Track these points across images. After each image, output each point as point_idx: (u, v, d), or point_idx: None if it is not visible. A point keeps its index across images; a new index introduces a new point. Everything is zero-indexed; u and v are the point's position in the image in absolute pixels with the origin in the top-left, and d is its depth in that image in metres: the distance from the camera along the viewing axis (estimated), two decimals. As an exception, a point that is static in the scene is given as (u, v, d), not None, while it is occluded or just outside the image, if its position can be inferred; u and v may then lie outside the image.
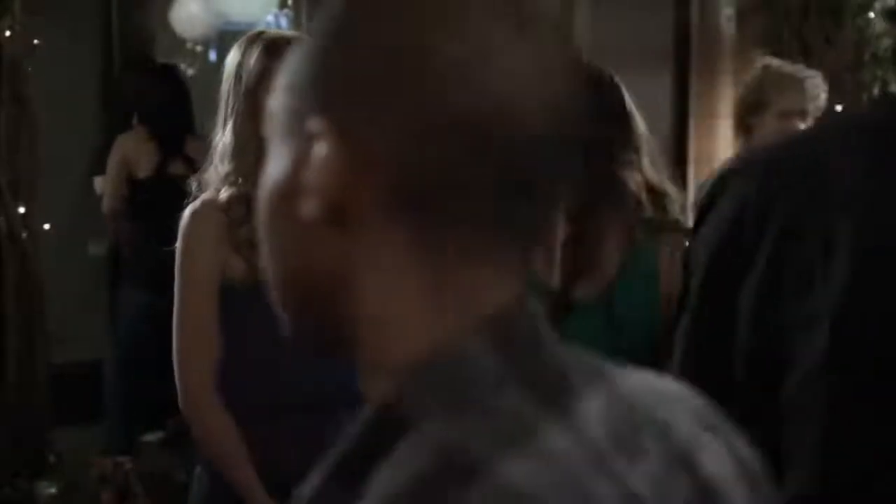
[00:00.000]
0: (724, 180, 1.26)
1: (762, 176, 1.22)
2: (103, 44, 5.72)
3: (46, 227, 4.46)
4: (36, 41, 4.29)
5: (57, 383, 4.44)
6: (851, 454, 1.15)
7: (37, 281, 4.34)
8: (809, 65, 5.00)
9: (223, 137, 2.28)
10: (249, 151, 2.23)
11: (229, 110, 2.27)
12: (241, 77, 2.26)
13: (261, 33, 2.33)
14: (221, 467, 2.24)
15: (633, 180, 2.10)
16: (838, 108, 4.87)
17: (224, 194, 2.25)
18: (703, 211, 1.27)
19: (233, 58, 2.31)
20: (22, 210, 4.23)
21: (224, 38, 5.86)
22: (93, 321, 5.52)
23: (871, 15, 4.84)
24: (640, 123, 2.13)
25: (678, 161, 6.15)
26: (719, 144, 6.10)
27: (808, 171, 1.19)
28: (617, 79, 2.15)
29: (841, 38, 4.83)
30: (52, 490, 3.64)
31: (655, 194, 2.12)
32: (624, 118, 2.12)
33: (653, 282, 2.08)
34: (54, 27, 5.03)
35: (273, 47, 2.25)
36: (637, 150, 2.11)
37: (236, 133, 2.25)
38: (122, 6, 5.67)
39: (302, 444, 2.25)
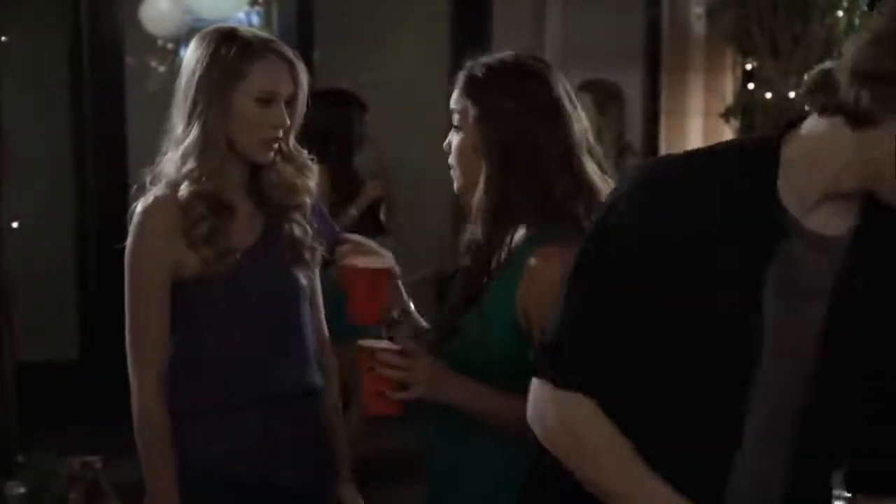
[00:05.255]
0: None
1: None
2: (72, 41, 5.68)
3: (15, 225, 4.43)
4: (3, 38, 4.25)
5: (25, 382, 4.41)
6: None
7: (5, 280, 4.31)
8: (778, 63, 5.04)
9: (188, 133, 2.21)
10: (218, 150, 2.21)
11: (198, 107, 2.20)
12: (212, 74, 2.20)
13: (234, 31, 2.27)
14: (148, 469, 2.23)
15: (562, 178, 1.96)
16: (807, 106, 4.91)
17: (185, 191, 2.19)
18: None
19: (200, 51, 2.24)
20: (-10, 208, 4.20)
21: (195, 35, 5.84)
22: (62, 320, 5.49)
23: (839, 13, 4.87)
24: (576, 118, 1.99)
25: (649, 158, 6.18)
26: (690, 141, 6.13)
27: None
28: (551, 71, 2.02)
29: (809, 36, 4.86)
30: (21, 490, 3.61)
31: (589, 196, 1.97)
32: (552, 112, 1.98)
33: (512, 284, 1.95)
34: (22, 25, 5.00)
35: (250, 49, 2.21)
36: (570, 146, 1.97)
37: (206, 131, 2.20)
38: (91, 3, 5.63)
39: (256, 438, 2.25)
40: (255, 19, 6.02)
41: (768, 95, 5.17)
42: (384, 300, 2.16)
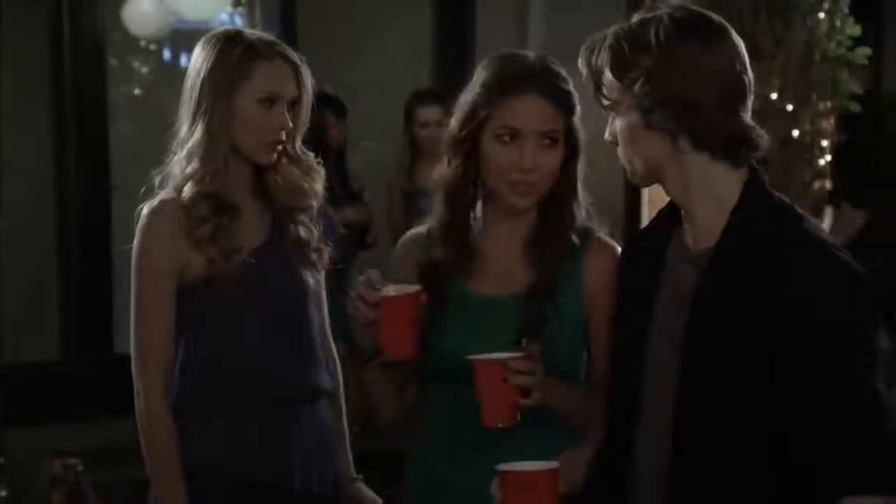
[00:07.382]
0: None
1: None
2: (53, 42, 5.65)
3: (-3, 226, 4.41)
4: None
5: (6, 384, 4.39)
6: None
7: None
8: (760, 65, 5.06)
9: (192, 133, 2.23)
10: (221, 151, 2.22)
11: (202, 108, 2.22)
12: (216, 75, 2.22)
13: (239, 33, 2.29)
14: (153, 471, 2.23)
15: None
16: (789, 107, 4.93)
17: (188, 192, 2.21)
18: None
19: (205, 53, 2.25)
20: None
21: (177, 36, 5.82)
22: (45, 321, 5.47)
23: (821, 15, 4.89)
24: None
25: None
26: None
27: None
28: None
29: (791, 38, 4.88)
30: (3, 493, 3.61)
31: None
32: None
33: (576, 279, 2.03)
34: (3, 26, 4.97)
35: (254, 51, 2.23)
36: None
37: (210, 132, 2.21)
38: (73, 4, 5.60)
39: (263, 439, 2.26)
40: (239, 21, 6.00)
41: (750, 97, 5.18)
42: (419, 329, 1.95)
